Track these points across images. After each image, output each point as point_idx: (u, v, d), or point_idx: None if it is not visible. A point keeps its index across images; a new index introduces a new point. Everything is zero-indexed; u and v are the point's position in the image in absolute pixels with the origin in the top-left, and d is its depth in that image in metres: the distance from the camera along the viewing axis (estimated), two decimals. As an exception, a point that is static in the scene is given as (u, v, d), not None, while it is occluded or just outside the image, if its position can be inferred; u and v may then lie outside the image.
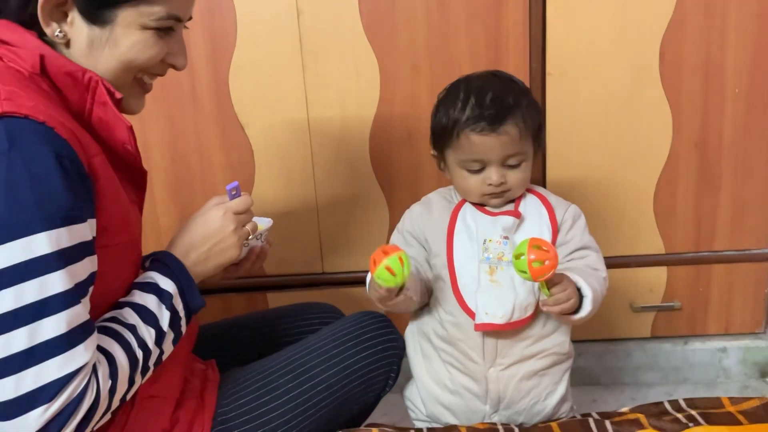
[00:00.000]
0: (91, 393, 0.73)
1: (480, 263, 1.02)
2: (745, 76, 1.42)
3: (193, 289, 0.89)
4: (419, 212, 1.11)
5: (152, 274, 0.87)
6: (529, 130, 1.00)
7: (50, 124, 0.72)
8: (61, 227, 0.71)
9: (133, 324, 0.81)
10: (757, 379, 1.61)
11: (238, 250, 0.94)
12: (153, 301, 0.84)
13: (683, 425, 0.94)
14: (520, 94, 1.01)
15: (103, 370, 0.75)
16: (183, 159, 1.48)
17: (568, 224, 1.05)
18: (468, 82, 1.04)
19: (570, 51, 1.41)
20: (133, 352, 0.79)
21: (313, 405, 0.99)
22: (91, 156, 0.78)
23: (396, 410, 1.46)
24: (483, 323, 1.00)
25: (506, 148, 0.98)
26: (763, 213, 1.51)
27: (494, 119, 0.97)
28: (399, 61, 1.42)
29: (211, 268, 0.92)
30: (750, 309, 1.57)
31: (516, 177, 1.01)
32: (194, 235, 0.91)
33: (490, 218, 1.04)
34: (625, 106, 1.44)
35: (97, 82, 0.81)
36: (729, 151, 1.46)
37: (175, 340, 0.87)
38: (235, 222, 0.92)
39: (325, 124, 1.47)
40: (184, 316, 0.88)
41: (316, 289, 1.57)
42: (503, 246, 1.01)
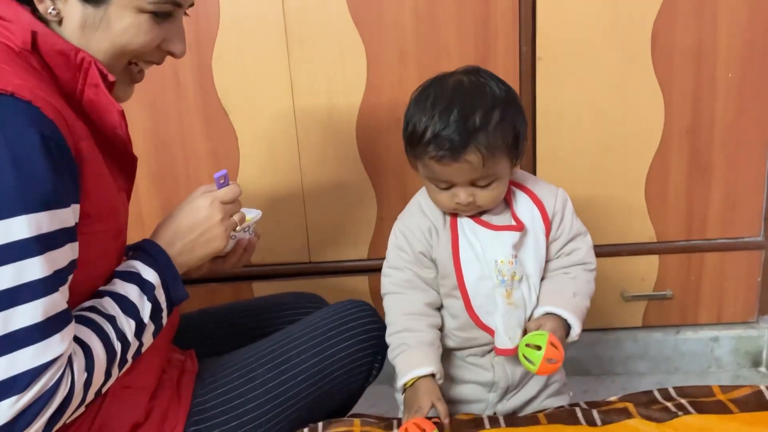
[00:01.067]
0: (65, 385, 0.70)
1: (495, 287, 0.98)
2: (737, 62, 1.40)
3: (177, 280, 0.86)
4: (423, 228, 1.01)
5: (135, 263, 0.84)
6: (497, 151, 0.91)
7: (36, 103, 0.69)
8: (42, 212, 0.68)
9: (112, 315, 0.79)
10: (749, 368, 1.60)
11: (225, 241, 0.91)
12: (135, 291, 0.82)
13: (672, 414, 0.92)
14: (492, 108, 0.91)
15: (79, 362, 0.73)
16: (166, 147, 1.45)
17: (559, 216, 1.01)
18: (439, 85, 0.95)
19: (560, 36, 1.39)
20: (111, 345, 0.77)
21: (293, 395, 0.97)
22: (79, 139, 0.75)
23: (384, 402, 1.44)
24: (507, 348, 0.98)
25: (470, 174, 0.92)
26: (755, 201, 1.49)
27: (455, 147, 0.89)
28: (386, 47, 1.39)
29: (196, 259, 0.90)
30: (742, 298, 1.55)
31: (486, 196, 0.95)
32: (180, 225, 0.89)
33: (493, 234, 0.98)
34: (617, 93, 1.42)
35: (90, 63, 0.78)
36: (721, 138, 1.45)
37: (156, 332, 0.85)
38: (222, 212, 0.90)
39: (311, 112, 1.44)
40: (166, 308, 0.86)
41: (303, 279, 1.54)
42: (515, 266, 0.97)
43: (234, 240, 0.98)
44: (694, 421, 0.90)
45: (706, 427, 0.89)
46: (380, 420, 0.98)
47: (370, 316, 1.07)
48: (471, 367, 1.05)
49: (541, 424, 0.92)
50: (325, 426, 0.95)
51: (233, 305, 1.24)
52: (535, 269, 0.99)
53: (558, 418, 0.93)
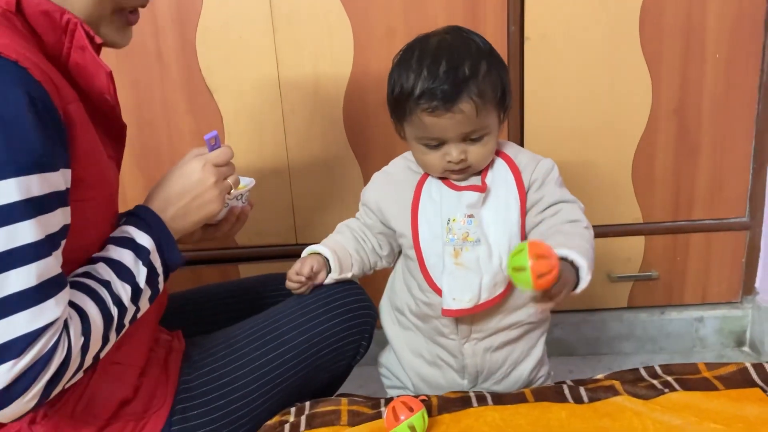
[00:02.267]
0: (62, 350, 0.69)
1: (444, 245, 0.96)
2: (725, 42, 1.40)
3: (172, 244, 0.85)
4: (380, 185, 1.06)
5: (128, 228, 0.83)
6: (488, 102, 0.91)
7: (23, 63, 0.67)
8: (32, 174, 0.66)
9: (107, 280, 0.78)
10: (733, 348, 1.62)
11: (220, 204, 0.90)
12: (129, 256, 0.80)
13: (659, 391, 0.92)
14: (478, 59, 0.91)
15: (75, 326, 0.71)
16: (149, 126, 1.43)
17: (538, 183, 0.98)
18: (423, 44, 0.94)
19: (549, 15, 1.38)
20: (107, 309, 0.76)
21: (281, 374, 0.96)
22: (68, 102, 0.73)
23: (372, 382, 1.44)
24: (451, 309, 0.96)
25: (463, 126, 0.91)
26: (740, 181, 1.50)
27: (447, 97, 0.88)
28: (373, 24, 1.37)
29: (190, 223, 0.89)
30: (727, 278, 1.57)
31: (478, 152, 0.94)
32: (172, 189, 0.87)
33: (455, 193, 0.98)
34: (604, 73, 1.41)
35: (75, 24, 0.76)
36: (708, 118, 1.45)
37: (152, 297, 0.84)
38: (215, 174, 0.88)
39: (297, 90, 1.42)
40: (162, 273, 0.84)
41: (290, 261, 1.50)
42: (468, 225, 0.95)
43: (227, 208, 0.97)
44: (679, 398, 0.91)
45: (692, 403, 0.90)
46: (367, 399, 0.98)
47: (358, 294, 1.06)
48: (441, 348, 1.04)
49: (528, 401, 0.92)
50: (312, 405, 0.95)
51: (221, 285, 1.23)
52: (499, 236, 0.96)
53: (545, 396, 0.93)
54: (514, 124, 1.45)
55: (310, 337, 0.99)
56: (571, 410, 0.90)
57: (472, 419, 0.89)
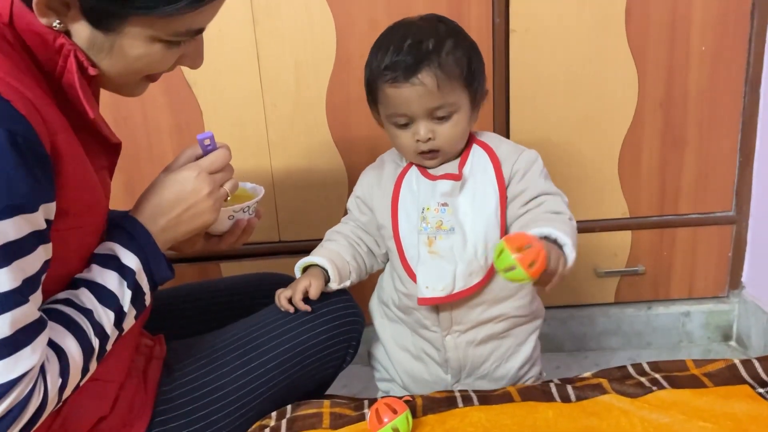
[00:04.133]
0: (37, 396, 0.67)
1: (419, 234, 0.96)
2: (711, 35, 1.39)
3: (160, 260, 0.81)
4: (370, 177, 1.06)
5: (114, 246, 0.79)
6: (453, 78, 0.90)
7: (6, 95, 0.62)
8: (9, 218, 0.62)
9: (89, 309, 0.74)
10: (719, 342, 1.61)
11: (214, 215, 0.85)
12: (114, 279, 0.77)
13: (647, 389, 0.91)
14: (445, 37, 0.91)
15: (53, 368, 0.69)
16: (126, 121, 1.39)
17: (520, 174, 0.96)
18: (394, 28, 0.96)
19: (534, 7, 1.36)
20: (88, 341, 0.73)
21: (263, 383, 0.94)
22: (55, 133, 0.68)
23: (356, 382, 1.43)
24: (425, 298, 0.95)
25: (426, 100, 0.90)
26: (727, 175, 1.49)
27: (407, 68, 0.89)
28: (355, 16, 1.35)
29: (181, 234, 0.84)
30: (713, 273, 1.56)
31: (446, 132, 0.93)
32: (163, 198, 0.83)
33: (430, 183, 0.97)
34: (591, 65, 1.40)
35: (69, 51, 0.71)
36: (694, 111, 1.44)
37: (138, 315, 0.81)
38: (210, 184, 0.84)
39: (278, 83, 1.39)
40: (149, 291, 0.81)
41: (273, 259, 1.50)
42: (441, 213, 0.95)
43: (232, 220, 0.93)
44: (668, 395, 0.90)
45: (680, 401, 0.88)
46: (351, 401, 0.96)
47: (344, 300, 1.04)
48: (424, 341, 1.03)
49: (514, 401, 0.90)
50: (293, 408, 0.92)
51: (203, 285, 1.19)
52: (476, 225, 0.95)
53: (532, 395, 0.91)
54: (500, 117, 1.43)
55: (295, 346, 0.96)
56: (559, 410, 0.88)
57: (457, 420, 0.87)
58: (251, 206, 0.94)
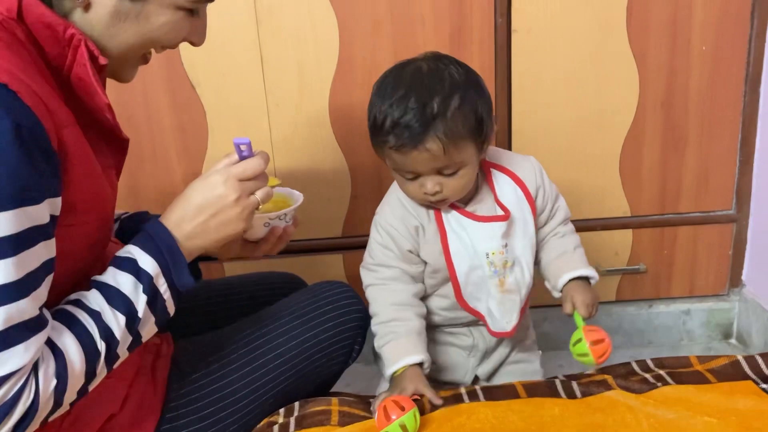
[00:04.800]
0: (27, 395, 0.65)
1: (488, 278, 0.98)
2: (712, 34, 1.40)
3: (181, 266, 0.78)
4: (409, 225, 1.00)
5: (133, 249, 0.77)
6: (459, 138, 0.88)
7: (13, 86, 0.62)
8: (9, 210, 0.62)
9: (97, 310, 0.73)
10: (719, 340, 1.62)
11: (244, 224, 0.82)
12: (129, 282, 0.75)
13: (651, 385, 0.92)
14: (451, 93, 0.88)
15: (46, 368, 0.67)
16: (130, 121, 1.39)
17: (541, 190, 1.03)
18: (398, 72, 0.92)
19: (536, 7, 1.37)
20: (92, 343, 0.71)
21: (271, 380, 0.94)
22: (62, 127, 0.69)
23: (359, 380, 1.43)
24: (504, 331, 1.01)
25: (433, 162, 0.89)
26: (727, 174, 1.50)
27: (411, 136, 0.87)
28: (359, 16, 1.35)
29: (209, 243, 0.81)
30: (714, 271, 1.57)
31: (453, 185, 0.92)
32: (190, 204, 0.80)
33: (480, 225, 0.97)
34: (592, 66, 1.41)
35: (80, 41, 0.72)
36: (694, 111, 1.45)
37: (160, 322, 0.79)
38: (238, 191, 0.80)
39: (281, 84, 1.39)
40: (171, 297, 0.78)
41: (276, 258, 1.48)
42: (506, 255, 0.98)
43: (267, 228, 0.90)
44: (672, 391, 0.90)
45: (685, 397, 0.89)
46: (359, 400, 0.96)
47: (350, 297, 1.05)
48: (450, 334, 1.06)
49: (520, 397, 0.91)
50: (302, 405, 0.93)
51: (209, 283, 1.20)
52: (525, 251, 1.00)
53: (537, 391, 0.92)
54: (502, 117, 1.43)
55: (301, 343, 0.97)
56: (564, 406, 0.89)
57: (464, 417, 0.87)
58: (288, 214, 0.92)
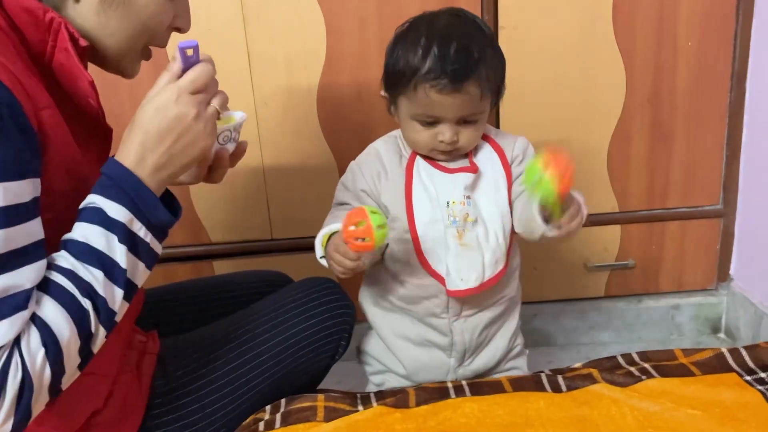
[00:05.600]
0: (15, 370, 0.63)
1: (447, 228, 0.98)
2: (697, 30, 1.40)
3: (154, 204, 0.72)
4: (372, 169, 1.03)
5: (97, 198, 0.70)
6: (491, 87, 0.94)
7: None
8: None
9: (69, 269, 0.68)
10: (708, 335, 1.63)
11: (210, 139, 0.75)
12: (99, 234, 0.69)
13: (636, 378, 0.92)
14: (486, 44, 0.93)
15: (28, 339, 0.64)
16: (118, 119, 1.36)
17: (520, 158, 1.02)
18: (431, 24, 0.94)
19: (522, 4, 1.37)
20: (74, 302, 0.67)
21: (257, 375, 0.94)
22: (40, 108, 0.67)
23: (350, 378, 1.43)
24: (459, 290, 0.98)
25: (465, 108, 0.92)
26: (714, 169, 1.51)
27: (457, 77, 0.89)
28: (346, 13, 1.35)
29: (178, 168, 0.74)
30: (702, 266, 1.58)
31: (469, 135, 0.96)
32: (147, 134, 0.71)
33: (448, 176, 0.99)
34: (579, 61, 1.41)
35: (60, 24, 0.71)
36: (681, 106, 1.45)
37: (150, 263, 0.74)
38: (195, 105, 0.73)
39: (269, 82, 1.39)
40: (154, 238, 0.73)
41: (265, 256, 1.51)
42: (467, 207, 0.98)
43: (217, 147, 0.82)
44: (657, 384, 0.91)
45: (669, 390, 0.90)
46: (345, 395, 0.96)
47: (336, 293, 1.05)
48: (429, 329, 1.04)
49: (506, 391, 0.91)
50: (288, 402, 0.93)
51: (196, 282, 1.20)
52: (493, 214, 0.99)
53: (523, 385, 0.92)
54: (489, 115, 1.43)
55: (287, 338, 0.97)
56: (550, 399, 0.89)
57: (450, 411, 0.88)
58: (231, 132, 0.84)
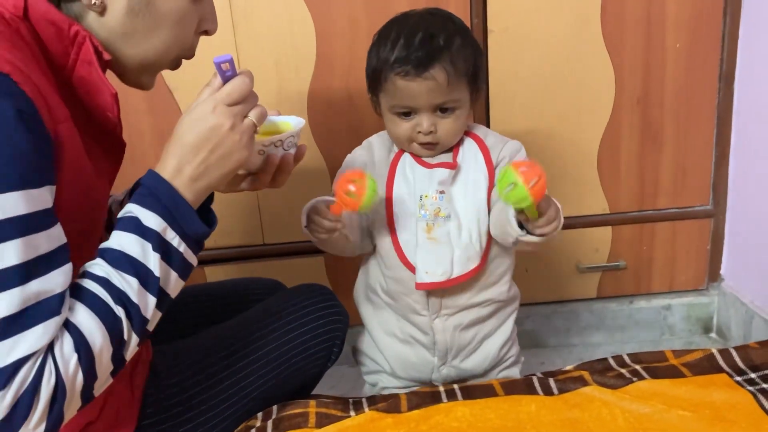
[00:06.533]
0: (49, 376, 0.63)
1: (417, 221, 0.99)
2: (685, 31, 1.41)
3: (189, 214, 0.73)
4: (362, 159, 1.05)
5: (133, 207, 0.72)
6: (460, 75, 0.94)
7: (15, 77, 0.62)
8: (19, 191, 0.61)
9: (104, 276, 0.69)
10: (700, 335, 1.64)
11: (246, 151, 0.75)
12: (133, 242, 0.70)
13: (627, 380, 0.93)
14: (454, 34, 0.95)
15: (61, 345, 0.64)
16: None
17: (506, 160, 1.01)
18: (402, 20, 0.99)
19: (511, 7, 1.38)
20: (107, 310, 0.67)
21: (250, 384, 0.94)
22: (58, 122, 0.68)
23: (343, 383, 1.43)
24: (424, 283, 0.98)
25: (434, 95, 0.94)
26: (703, 169, 1.51)
27: (420, 63, 0.91)
28: (335, 16, 1.35)
29: (215, 180, 0.75)
30: (693, 266, 1.58)
31: (448, 126, 0.97)
32: (184, 145, 0.73)
33: (427, 171, 1.01)
34: (568, 63, 1.42)
35: (84, 38, 0.71)
36: (670, 107, 1.46)
37: (185, 273, 0.75)
38: (231, 117, 0.75)
39: (259, 87, 1.37)
40: (187, 247, 0.74)
41: (257, 262, 1.51)
42: (439, 201, 0.98)
43: (263, 156, 0.82)
44: (648, 386, 0.91)
45: (660, 391, 0.90)
46: (337, 401, 0.96)
47: (329, 299, 1.05)
48: (412, 326, 1.05)
49: (498, 395, 0.92)
50: (279, 408, 0.93)
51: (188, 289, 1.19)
52: (468, 212, 0.99)
53: (514, 389, 0.93)
54: (480, 116, 1.44)
55: (281, 345, 0.97)
56: (541, 402, 0.89)
57: (442, 415, 0.88)
58: (285, 139, 0.83)
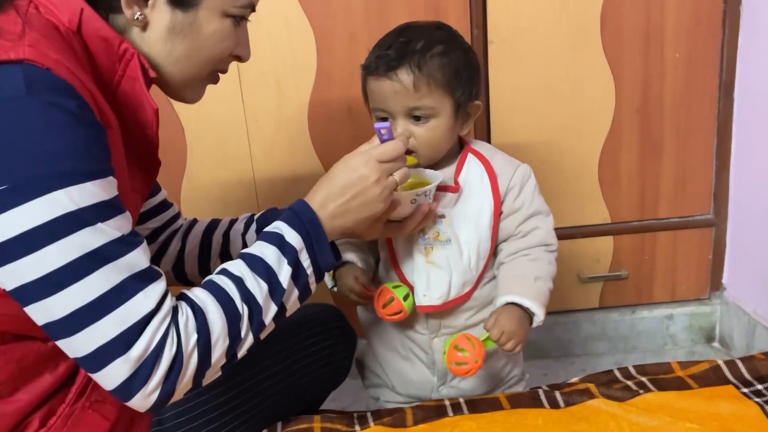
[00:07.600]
0: (171, 345, 0.67)
1: (415, 245, 0.97)
2: (684, 42, 1.42)
3: (323, 244, 0.80)
4: None
5: (281, 224, 0.80)
6: (432, 81, 0.91)
7: (71, 81, 0.65)
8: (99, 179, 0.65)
9: (239, 276, 0.74)
10: (702, 344, 1.63)
11: (383, 204, 0.84)
12: (273, 253, 0.77)
13: (634, 392, 0.92)
14: (436, 42, 0.92)
15: (186, 322, 0.69)
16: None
17: (516, 191, 0.99)
18: (398, 28, 0.97)
19: (511, 18, 1.38)
20: (233, 305, 0.72)
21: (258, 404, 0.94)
22: (107, 127, 0.70)
23: (345, 396, 1.42)
24: (422, 305, 0.97)
25: (402, 98, 0.91)
26: (704, 179, 1.51)
27: (388, 63, 0.90)
28: (335, 30, 1.36)
29: (351, 222, 0.83)
30: (694, 275, 1.58)
31: (423, 134, 0.93)
32: (333, 185, 0.82)
33: None
34: (568, 74, 1.42)
35: (132, 55, 0.73)
36: (670, 117, 1.46)
37: (303, 297, 0.80)
38: (378, 172, 0.82)
39: (260, 99, 1.39)
40: (313, 273, 0.80)
41: None
42: (439, 225, 0.96)
43: (414, 205, 0.91)
44: (654, 398, 0.91)
45: (667, 403, 0.89)
46: (342, 416, 0.96)
47: (337, 319, 1.05)
48: (413, 344, 1.04)
49: (503, 408, 0.91)
50: (284, 425, 0.92)
51: None
52: (470, 237, 0.97)
53: (520, 402, 0.92)
54: (481, 127, 1.44)
55: (290, 365, 0.97)
56: (548, 416, 0.89)
57: (447, 429, 0.87)
58: (431, 191, 0.92)
